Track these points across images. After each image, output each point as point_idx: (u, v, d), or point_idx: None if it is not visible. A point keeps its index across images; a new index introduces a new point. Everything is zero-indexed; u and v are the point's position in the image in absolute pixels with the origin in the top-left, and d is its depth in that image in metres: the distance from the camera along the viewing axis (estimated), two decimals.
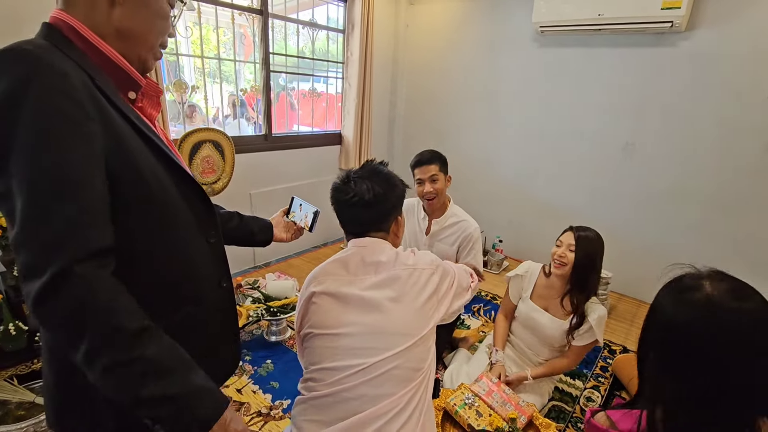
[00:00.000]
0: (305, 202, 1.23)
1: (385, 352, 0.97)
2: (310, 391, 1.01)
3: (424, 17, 3.72)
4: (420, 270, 1.08)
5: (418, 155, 2.00)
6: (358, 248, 1.09)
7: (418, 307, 1.04)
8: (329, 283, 1.06)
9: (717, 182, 2.58)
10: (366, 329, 1.00)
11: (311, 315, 1.06)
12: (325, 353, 1.01)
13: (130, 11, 0.68)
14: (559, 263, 1.69)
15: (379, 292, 1.03)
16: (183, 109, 2.74)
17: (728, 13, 2.39)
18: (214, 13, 2.67)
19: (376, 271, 1.06)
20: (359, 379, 0.96)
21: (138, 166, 0.66)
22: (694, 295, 0.65)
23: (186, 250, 0.75)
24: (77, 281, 0.55)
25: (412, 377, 0.99)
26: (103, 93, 0.64)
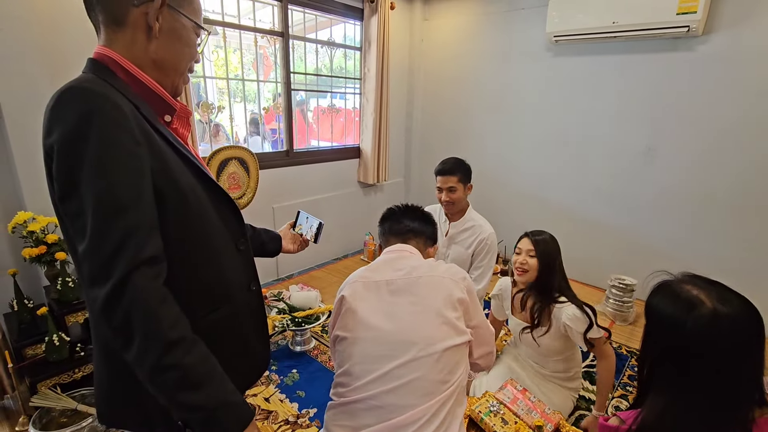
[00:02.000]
0: (311, 216, 1.30)
1: (400, 359, 0.98)
2: (339, 396, 1.04)
3: (439, 31, 3.80)
4: (449, 279, 1.08)
5: (442, 163, 2.07)
6: (389, 254, 1.18)
7: (444, 315, 1.03)
8: (357, 287, 1.10)
9: (741, 186, 2.53)
10: (385, 335, 1.02)
11: (341, 318, 1.10)
12: (348, 357, 1.04)
13: (165, 43, 0.76)
14: (521, 270, 1.70)
15: (405, 297, 1.06)
16: (209, 128, 2.87)
17: (746, 16, 2.38)
18: (237, 36, 2.80)
19: (406, 275, 1.09)
20: (380, 387, 0.97)
21: (179, 183, 0.73)
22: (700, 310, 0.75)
23: (219, 256, 0.82)
24: (133, 289, 0.62)
25: (437, 390, 0.98)
26: (147, 119, 0.72)
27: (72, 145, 0.63)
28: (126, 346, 0.63)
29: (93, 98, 0.65)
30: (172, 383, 0.63)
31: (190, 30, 0.79)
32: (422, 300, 1.05)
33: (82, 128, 0.63)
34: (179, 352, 0.64)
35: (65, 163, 0.64)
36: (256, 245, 1.16)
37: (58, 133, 0.64)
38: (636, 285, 2.70)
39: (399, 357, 0.98)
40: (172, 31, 0.76)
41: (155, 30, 0.74)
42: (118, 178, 0.64)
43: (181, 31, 0.77)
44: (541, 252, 1.68)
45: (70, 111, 0.64)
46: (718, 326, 0.73)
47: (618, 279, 2.75)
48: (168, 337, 0.63)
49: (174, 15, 0.76)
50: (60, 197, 0.66)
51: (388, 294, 1.07)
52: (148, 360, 0.62)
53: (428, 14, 3.85)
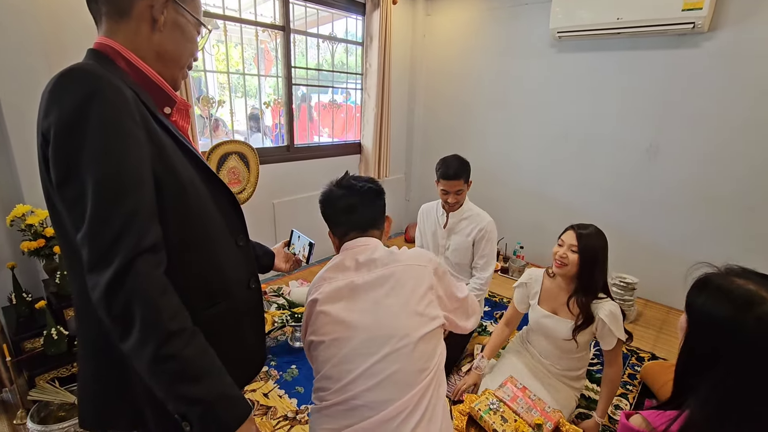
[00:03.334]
0: (303, 235, 1.27)
1: (377, 354, 0.97)
2: (321, 401, 1.02)
3: (441, 27, 3.78)
4: (416, 266, 1.06)
5: (444, 166, 2.05)
6: (350, 250, 1.10)
7: (414, 304, 1.02)
8: (325, 288, 1.06)
9: (746, 184, 2.51)
10: (360, 333, 1.00)
11: (312, 322, 1.07)
12: (326, 361, 1.02)
13: (168, 36, 0.76)
14: (560, 263, 1.66)
15: (374, 291, 1.03)
16: (210, 123, 2.85)
17: (752, 12, 2.35)
18: (237, 30, 2.78)
19: (370, 269, 1.06)
20: (362, 385, 0.96)
21: (177, 172, 0.72)
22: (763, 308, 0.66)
23: (217, 253, 0.80)
24: (136, 276, 0.61)
25: (416, 380, 0.98)
26: (147, 107, 0.71)
27: (72, 127, 0.61)
28: (124, 336, 0.61)
29: (94, 80, 0.63)
30: (171, 374, 0.62)
31: (192, 26, 0.80)
32: (391, 292, 1.02)
33: (83, 109, 0.61)
34: (179, 342, 0.63)
35: (64, 145, 0.62)
36: None
37: (56, 114, 0.62)
38: (637, 283, 2.69)
39: (376, 353, 0.97)
40: (175, 25, 0.77)
41: (160, 23, 0.74)
42: (121, 161, 0.62)
43: (185, 26, 0.78)
44: (583, 247, 1.62)
45: (71, 92, 0.62)
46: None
47: (619, 277, 2.74)
48: (168, 327, 0.62)
49: (178, 10, 0.76)
50: (58, 182, 0.64)
51: (357, 292, 1.04)
52: (148, 350, 0.61)
53: (430, 9, 3.83)
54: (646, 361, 2.29)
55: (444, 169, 2.04)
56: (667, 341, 2.51)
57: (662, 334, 2.59)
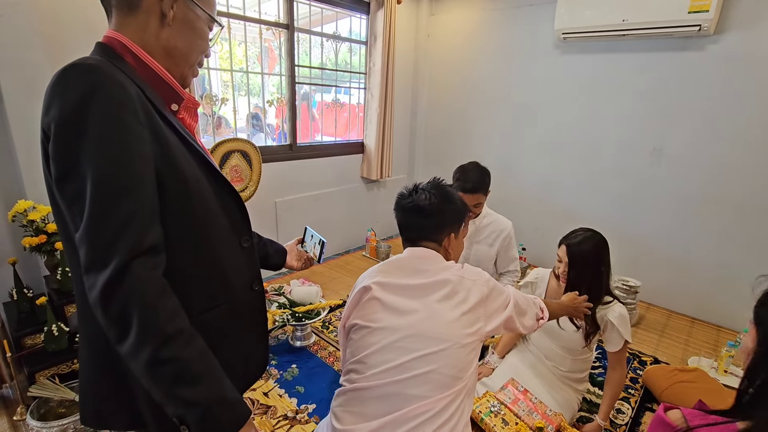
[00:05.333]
0: (315, 233, 1.27)
1: (418, 352, 1.00)
2: (351, 383, 1.05)
3: (446, 27, 3.77)
4: (470, 280, 1.10)
5: (463, 178, 1.94)
6: (412, 254, 1.16)
7: (462, 314, 1.05)
8: (381, 279, 1.11)
9: (751, 187, 2.49)
10: (406, 328, 1.03)
11: (361, 307, 1.10)
12: (365, 346, 1.05)
13: (177, 32, 0.74)
14: (564, 279, 1.65)
15: (428, 295, 1.07)
16: (213, 120, 2.85)
17: (759, 16, 2.34)
18: (241, 29, 2.78)
19: (427, 275, 1.10)
20: (395, 376, 0.99)
21: (181, 171, 0.70)
22: None
23: (220, 253, 0.79)
24: (133, 278, 0.59)
25: (451, 384, 1.00)
26: (152, 104, 0.70)
27: (72, 123, 0.60)
28: (121, 338, 0.60)
29: (96, 76, 0.62)
30: (169, 377, 0.61)
31: (203, 22, 0.78)
32: (443, 299, 1.06)
33: (84, 105, 0.60)
34: (177, 345, 0.62)
35: (64, 141, 0.61)
36: (260, 256, 1.13)
37: (57, 109, 0.61)
38: (639, 287, 2.68)
39: (417, 350, 1.00)
40: (185, 21, 0.75)
41: (169, 17, 0.72)
42: (121, 159, 0.61)
43: (195, 22, 0.76)
44: (575, 259, 1.58)
45: (72, 87, 0.61)
46: None
47: (622, 281, 2.72)
48: (166, 329, 0.61)
49: (189, 5, 0.74)
50: (57, 178, 0.63)
51: (411, 291, 1.08)
52: (144, 353, 0.59)
53: (435, 9, 3.82)
54: (648, 365, 2.28)
55: (462, 183, 1.92)
56: (669, 345, 2.50)
57: (664, 338, 2.57)
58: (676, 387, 1.91)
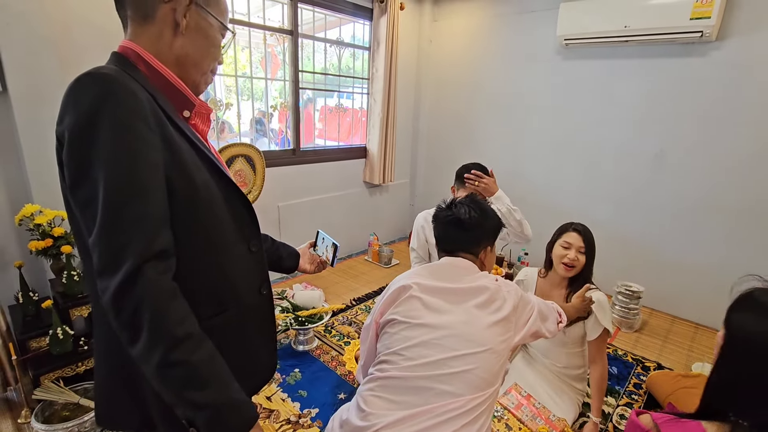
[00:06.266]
0: (327, 236, 1.29)
1: (457, 351, 1.03)
2: (383, 372, 1.07)
3: (448, 33, 3.79)
4: (505, 290, 1.14)
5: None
6: (450, 262, 1.20)
7: (495, 321, 1.08)
8: (421, 280, 1.15)
9: (754, 192, 2.49)
10: (446, 327, 1.06)
11: (400, 304, 1.13)
12: (403, 339, 1.08)
13: (190, 41, 0.76)
14: (570, 266, 1.67)
15: (466, 300, 1.11)
16: (216, 125, 2.87)
17: (760, 22, 2.35)
18: (245, 34, 2.81)
19: (465, 281, 1.14)
20: (431, 371, 1.01)
21: (191, 177, 0.72)
22: None
23: (229, 258, 0.80)
24: (144, 282, 0.61)
25: (484, 387, 1.03)
26: (164, 111, 0.71)
27: (84, 130, 0.62)
28: (133, 341, 0.61)
29: (109, 84, 0.64)
30: (179, 380, 0.62)
31: (216, 29, 0.79)
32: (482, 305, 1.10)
33: (96, 113, 0.62)
34: (187, 348, 0.63)
35: (76, 148, 0.63)
36: (273, 259, 1.15)
37: (70, 117, 0.63)
38: (642, 292, 2.67)
39: (455, 350, 1.03)
40: (198, 29, 0.76)
41: (182, 26, 0.74)
42: (132, 165, 0.62)
43: (208, 30, 0.78)
44: (589, 247, 1.68)
45: (84, 96, 0.63)
46: None
47: (624, 285, 2.72)
48: (177, 333, 0.62)
49: (201, 13, 0.76)
50: (70, 185, 0.64)
51: (451, 294, 1.12)
52: (155, 356, 0.61)
53: (437, 15, 3.84)
54: (651, 370, 2.27)
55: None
56: (673, 351, 2.49)
57: (668, 344, 2.56)
58: (680, 393, 1.90)
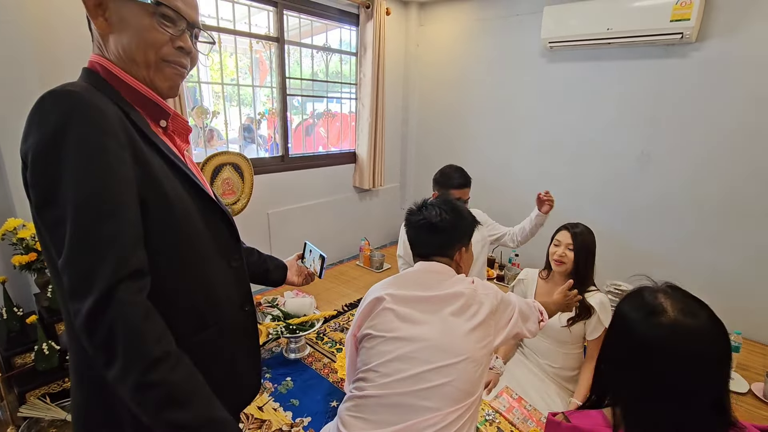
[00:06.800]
0: (315, 248, 1.28)
1: (433, 364, 1.00)
2: (361, 390, 1.05)
3: (434, 37, 3.81)
4: (481, 294, 1.12)
5: (454, 175, 2.07)
6: (424, 268, 1.17)
7: (472, 327, 1.06)
8: (394, 291, 1.12)
9: (735, 190, 2.53)
10: (421, 339, 1.04)
11: (374, 317, 1.11)
12: (378, 354, 1.05)
13: (119, 36, 0.71)
14: (559, 262, 1.77)
15: (442, 308, 1.08)
16: (204, 134, 2.85)
17: (738, 23, 2.39)
18: (232, 40, 2.80)
19: (440, 287, 1.11)
20: (408, 387, 0.99)
21: (166, 193, 0.70)
22: (660, 319, 0.73)
23: (208, 274, 0.78)
24: (117, 303, 0.59)
25: (463, 399, 1.01)
26: (136, 126, 0.70)
27: (50, 150, 0.60)
28: (108, 364, 0.60)
29: (73, 101, 0.62)
30: (158, 401, 0.61)
31: (139, 14, 0.70)
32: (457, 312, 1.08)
33: (61, 131, 0.60)
34: (165, 368, 0.61)
35: (41, 168, 0.61)
36: (260, 272, 1.13)
37: (34, 137, 0.61)
38: None
39: (432, 362, 1.01)
40: (121, 20, 0.70)
41: (111, 23, 0.70)
42: (101, 183, 0.61)
43: (130, 19, 0.70)
44: (578, 244, 1.74)
45: (48, 114, 0.61)
46: (674, 338, 0.71)
47: (614, 285, 2.75)
48: (152, 353, 0.61)
49: (120, 2, 0.69)
50: (37, 206, 0.62)
51: (425, 303, 1.10)
52: (132, 377, 0.59)
53: (424, 20, 3.87)
54: None
55: (455, 179, 2.06)
56: None
57: None
58: None
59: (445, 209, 1.17)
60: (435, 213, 1.16)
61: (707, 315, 0.73)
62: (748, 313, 2.52)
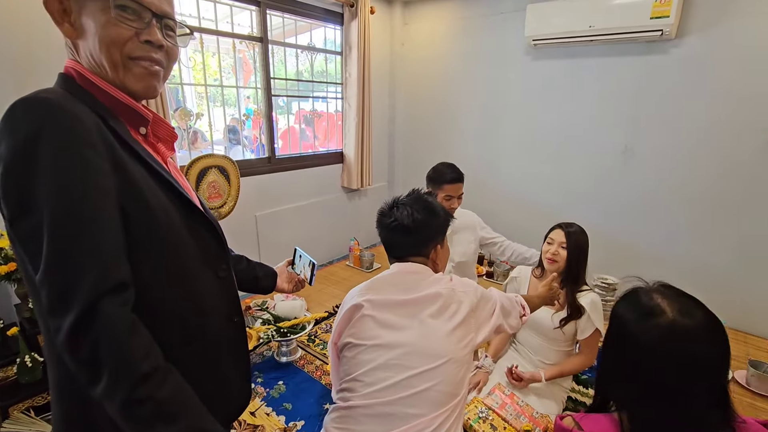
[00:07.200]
0: (304, 254, 1.26)
1: (416, 369, 0.99)
2: (345, 401, 1.04)
3: (419, 36, 3.81)
4: (461, 292, 1.10)
5: (449, 171, 2.10)
6: (400, 269, 1.16)
7: (452, 327, 1.05)
8: (372, 296, 1.10)
9: (717, 183, 2.59)
10: (402, 345, 1.02)
11: (353, 325, 1.09)
12: (360, 363, 1.04)
13: (86, 41, 0.67)
14: (552, 260, 1.77)
15: (421, 310, 1.07)
16: (188, 136, 2.80)
17: (716, 20, 2.45)
18: (214, 39, 2.75)
19: (418, 289, 1.09)
20: (392, 395, 0.98)
21: (147, 202, 0.67)
22: (658, 320, 0.73)
23: (194, 284, 0.75)
24: (100, 318, 0.57)
25: (447, 401, 1.00)
26: (115, 133, 0.67)
27: (22, 159, 0.57)
28: (93, 381, 0.58)
29: (47, 108, 0.59)
30: (147, 417, 0.59)
31: (98, 11, 0.65)
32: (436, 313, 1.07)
33: (34, 140, 0.57)
34: (153, 384, 0.59)
35: (14, 179, 0.58)
36: (249, 279, 1.11)
37: (5, 147, 0.58)
38: (618, 284, 2.75)
39: (414, 367, 1.00)
40: (84, 23, 0.66)
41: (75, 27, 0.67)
42: (78, 193, 0.58)
43: (91, 19, 0.66)
44: (572, 244, 1.74)
45: (20, 123, 0.58)
46: (674, 338, 0.71)
47: (601, 278, 2.79)
48: (140, 368, 0.59)
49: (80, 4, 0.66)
50: (10, 218, 0.59)
51: (404, 307, 1.08)
52: (119, 394, 0.57)
53: (408, 19, 3.86)
54: None
55: (450, 174, 2.08)
56: None
57: None
58: None
59: (416, 208, 1.13)
60: (407, 213, 1.12)
61: (703, 313, 0.73)
62: (730, 302, 2.59)
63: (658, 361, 0.72)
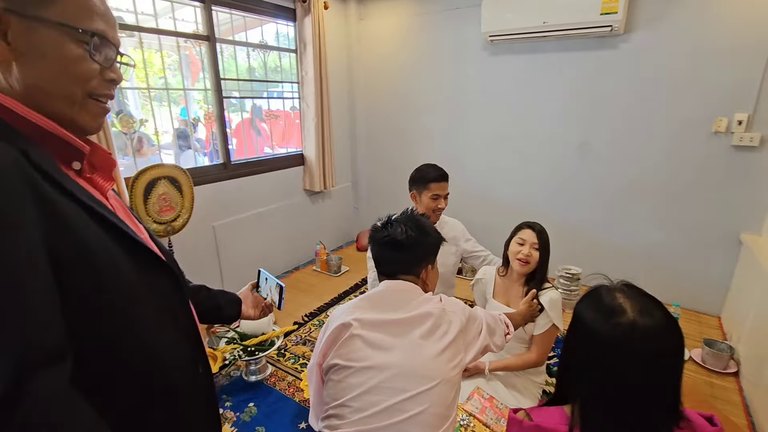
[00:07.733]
0: (270, 276, 1.18)
1: (407, 392, 0.97)
2: (334, 429, 0.99)
3: (375, 32, 3.73)
4: (450, 312, 1.10)
5: (436, 170, 2.08)
6: (390, 287, 1.14)
7: (443, 348, 1.04)
8: (360, 315, 1.07)
9: (667, 173, 2.72)
10: (392, 367, 1.00)
11: (341, 345, 1.05)
12: (349, 387, 1.00)
13: (28, 66, 0.58)
14: (524, 262, 1.73)
15: (411, 330, 1.05)
16: (132, 144, 2.58)
17: (660, 15, 2.55)
18: (155, 36, 2.53)
19: (408, 309, 1.08)
20: (384, 420, 0.95)
21: (85, 247, 0.58)
22: (620, 319, 0.74)
23: (151, 334, 0.66)
24: (29, 397, 0.47)
25: (440, 424, 0.98)
26: (40, 170, 0.56)
27: None
28: None
29: None
30: None
31: (63, 42, 0.59)
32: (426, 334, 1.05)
33: None
34: None
35: None
36: (210, 309, 1.01)
37: None
38: (581, 273, 2.84)
39: (406, 391, 0.97)
40: (33, 48, 0.57)
41: (12, 48, 0.57)
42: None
43: (47, 47, 0.58)
44: (543, 243, 1.72)
45: None
46: (633, 338, 0.72)
47: (565, 269, 2.87)
48: None
49: (28, 25, 0.57)
50: None
51: (393, 326, 1.06)
52: None
53: (363, 14, 3.76)
54: None
55: (435, 173, 2.05)
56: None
57: None
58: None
59: (410, 226, 1.15)
60: (400, 230, 1.13)
61: (662, 314, 0.75)
62: (684, 284, 2.74)
63: (618, 359, 0.73)
